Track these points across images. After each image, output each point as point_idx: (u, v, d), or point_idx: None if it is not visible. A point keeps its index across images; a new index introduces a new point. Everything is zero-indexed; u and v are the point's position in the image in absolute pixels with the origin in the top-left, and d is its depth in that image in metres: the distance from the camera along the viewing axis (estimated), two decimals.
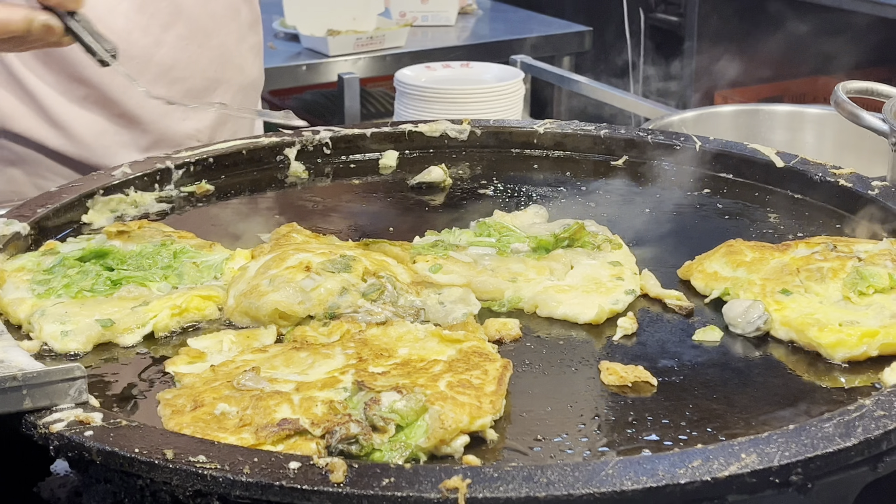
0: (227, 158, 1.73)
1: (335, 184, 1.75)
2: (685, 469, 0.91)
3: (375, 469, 0.92)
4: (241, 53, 2.08)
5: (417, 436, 1.01)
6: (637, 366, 1.16)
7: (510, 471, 0.92)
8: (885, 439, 0.96)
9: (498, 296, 1.33)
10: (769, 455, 0.93)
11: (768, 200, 1.61)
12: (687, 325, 1.27)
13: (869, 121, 1.72)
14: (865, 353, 1.16)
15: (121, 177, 1.61)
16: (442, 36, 4.00)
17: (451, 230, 1.49)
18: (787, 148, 2.19)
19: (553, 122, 1.84)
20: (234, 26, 2.05)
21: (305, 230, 1.48)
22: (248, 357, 1.15)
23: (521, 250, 1.43)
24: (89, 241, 1.41)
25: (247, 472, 0.92)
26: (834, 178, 1.57)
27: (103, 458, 0.96)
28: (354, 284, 1.27)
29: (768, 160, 1.65)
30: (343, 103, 3.52)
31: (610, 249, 1.42)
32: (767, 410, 1.09)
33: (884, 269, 1.28)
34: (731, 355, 1.20)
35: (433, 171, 1.73)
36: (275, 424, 1.00)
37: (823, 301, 1.25)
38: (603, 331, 1.26)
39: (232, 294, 1.29)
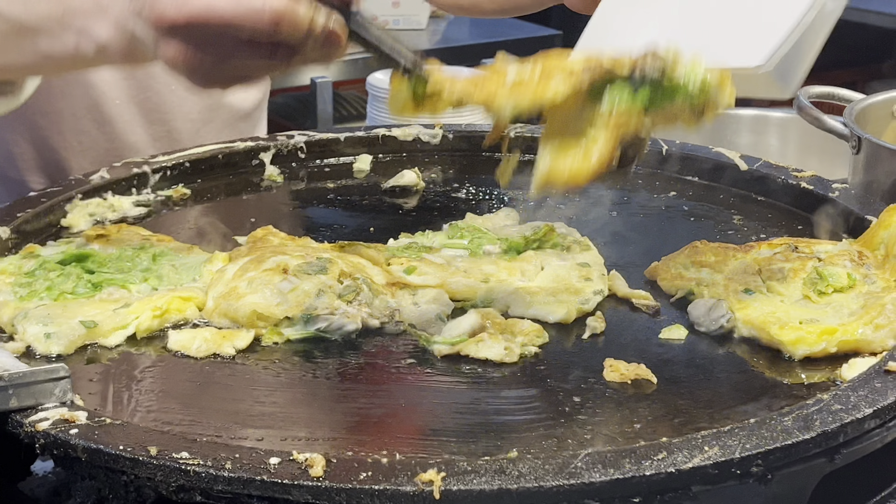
0: (203, 163, 1.76)
1: (310, 187, 1.78)
2: (650, 461, 0.95)
3: (353, 463, 0.96)
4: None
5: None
6: (639, 364, 1.19)
7: (483, 464, 0.95)
8: (841, 432, 1.01)
9: (471, 296, 1.37)
10: (731, 448, 0.97)
11: (732, 202, 1.66)
12: (653, 324, 1.31)
13: (830, 124, 1.77)
14: (825, 349, 1.20)
15: (98, 181, 1.64)
16: (413, 39, 4.03)
17: (424, 233, 1.52)
18: (753, 150, 2.24)
19: (524, 126, 1.88)
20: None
21: (281, 233, 1.51)
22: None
23: (492, 252, 1.46)
24: (69, 245, 1.43)
25: (228, 467, 0.95)
26: (796, 181, 1.61)
27: (88, 455, 0.99)
28: (331, 286, 1.31)
29: (732, 163, 1.69)
30: (316, 107, 3.54)
31: (579, 251, 1.45)
32: (730, 405, 1.13)
33: (843, 269, 1.32)
34: (695, 353, 1.24)
35: (406, 174, 1.76)
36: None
37: (784, 300, 1.29)
38: (572, 330, 1.30)
39: (211, 296, 1.32)
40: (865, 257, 1.36)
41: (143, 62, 1.19)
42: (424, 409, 1.14)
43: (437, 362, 1.23)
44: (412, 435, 1.09)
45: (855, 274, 1.31)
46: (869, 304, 1.25)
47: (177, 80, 1.86)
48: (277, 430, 1.08)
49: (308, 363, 1.23)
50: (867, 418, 1.02)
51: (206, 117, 2.03)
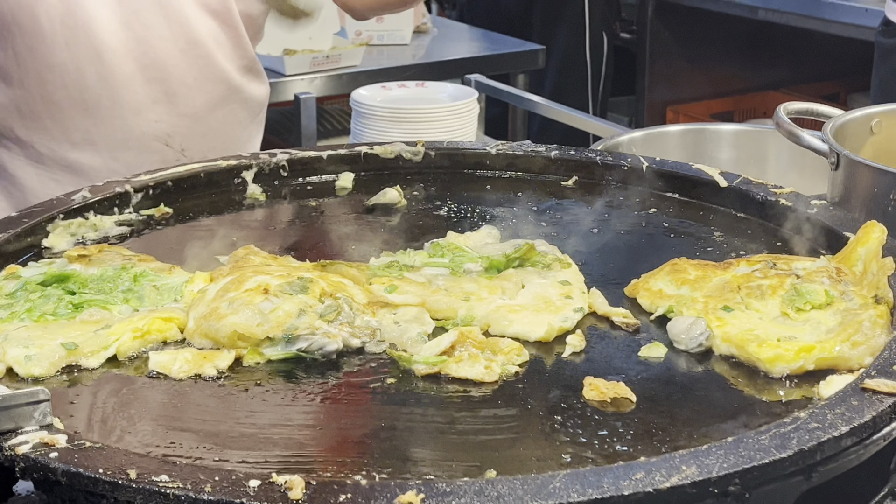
0: (185, 181, 1.76)
1: (292, 205, 1.78)
2: (629, 481, 0.96)
3: (333, 485, 0.96)
4: (230, 70, 2.10)
5: None
6: (618, 382, 1.20)
7: (462, 485, 0.96)
8: (818, 450, 1.01)
9: (452, 315, 1.37)
10: (708, 466, 0.97)
11: (712, 219, 1.67)
12: (633, 342, 1.31)
13: (809, 141, 1.79)
14: (802, 367, 1.21)
15: (80, 201, 1.64)
16: (397, 54, 4.05)
17: (405, 251, 1.53)
18: (734, 166, 2.26)
19: (505, 144, 1.89)
20: (216, 42, 2.07)
21: (262, 252, 1.51)
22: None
23: (473, 270, 1.47)
24: (50, 266, 1.44)
25: (208, 490, 0.95)
26: (775, 198, 1.62)
27: (68, 478, 0.99)
28: (312, 306, 1.31)
29: (712, 180, 1.70)
30: (300, 122, 3.55)
31: (559, 268, 1.46)
32: (709, 423, 1.14)
33: (820, 286, 1.33)
34: (674, 370, 1.25)
35: (388, 192, 1.77)
36: None
37: (763, 317, 1.30)
38: (552, 348, 1.31)
39: (192, 316, 1.32)
40: (843, 274, 1.37)
41: None
42: (404, 429, 1.14)
43: (418, 382, 1.23)
44: (392, 456, 1.09)
45: (833, 291, 1.32)
46: (846, 321, 1.26)
47: (174, 36, 1.96)
48: (257, 451, 1.09)
49: (289, 383, 1.23)
50: (844, 436, 1.03)
51: (204, 87, 2.07)
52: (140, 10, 1.98)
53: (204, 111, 2.09)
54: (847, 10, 4.32)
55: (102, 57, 1.97)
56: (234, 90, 2.13)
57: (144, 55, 2.00)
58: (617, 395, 1.18)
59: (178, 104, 2.05)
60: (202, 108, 2.08)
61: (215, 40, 2.06)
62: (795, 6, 4.55)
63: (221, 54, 2.08)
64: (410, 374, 1.25)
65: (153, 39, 2.00)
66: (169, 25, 2.00)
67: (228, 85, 2.12)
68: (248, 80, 2.16)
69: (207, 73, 2.07)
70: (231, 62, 2.11)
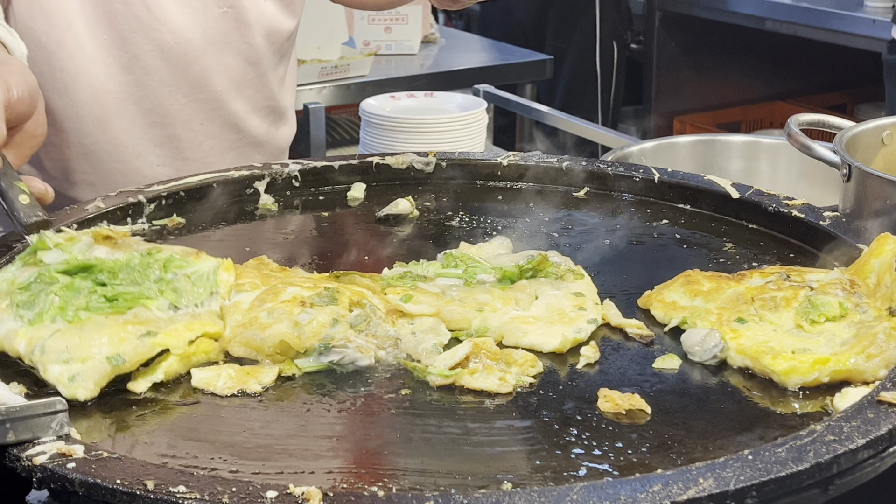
0: (198, 192, 1.77)
1: (304, 216, 1.79)
2: (646, 493, 0.96)
3: (350, 496, 0.96)
4: (241, 112, 2.02)
5: None
6: (633, 394, 1.20)
7: (479, 497, 0.96)
8: (835, 463, 1.01)
9: (465, 325, 1.37)
10: (725, 479, 0.97)
11: (724, 230, 1.67)
12: (647, 354, 1.31)
13: (820, 152, 1.79)
14: (817, 379, 1.21)
15: (94, 211, 1.64)
16: (406, 64, 4.06)
17: (418, 262, 1.53)
18: (744, 177, 2.26)
19: (516, 155, 1.89)
20: (234, 84, 2.00)
21: (273, 263, 1.51)
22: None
23: (486, 281, 1.47)
24: (72, 245, 1.35)
25: (225, 501, 0.95)
26: (787, 209, 1.62)
27: (85, 489, 0.99)
28: (343, 315, 1.31)
29: (724, 191, 1.71)
30: (309, 132, 3.56)
31: (572, 280, 1.46)
32: (725, 435, 1.14)
33: (834, 297, 1.33)
34: (689, 382, 1.25)
35: (400, 203, 1.77)
36: None
37: (777, 329, 1.30)
38: (566, 359, 1.31)
39: (228, 325, 1.32)
40: (857, 286, 1.37)
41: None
42: (420, 440, 1.14)
43: (433, 393, 1.23)
44: (408, 467, 1.09)
45: (846, 303, 1.32)
46: (861, 333, 1.26)
47: (174, 83, 1.91)
48: (274, 462, 1.09)
49: (305, 394, 1.23)
50: (860, 449, 1.03)
51: (210, 131, 2.02)
52: (140, 54, 1.91)
53: (212, 156, 2.02)
54: (854, 21, 4.33)
55: (100, 101, 1.92)
56: (247, 135, 2.06)
57: (145, 99, 1.94)
58: (632, 407, 1.18)
59: (182, 149, 2.00)
60: (210, 152, 2.02)
61: (231, 81, 1.99)
62: (802, 17, 4.56)
63: (234, 97, 2.00)
64: (425, 385, 1.25)
65: (154, 84, 1.93)
66: (171, 70, 1.93)
67: (240, 130, 2.04)
68: (267, 123, 2.08)
69: (215, 118, 2.00)
70: (246, 104, 2.03)
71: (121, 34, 1.90)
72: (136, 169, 1.99)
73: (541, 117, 3.31)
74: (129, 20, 1.90)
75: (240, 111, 2.03)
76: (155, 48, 1.92)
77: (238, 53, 1.98)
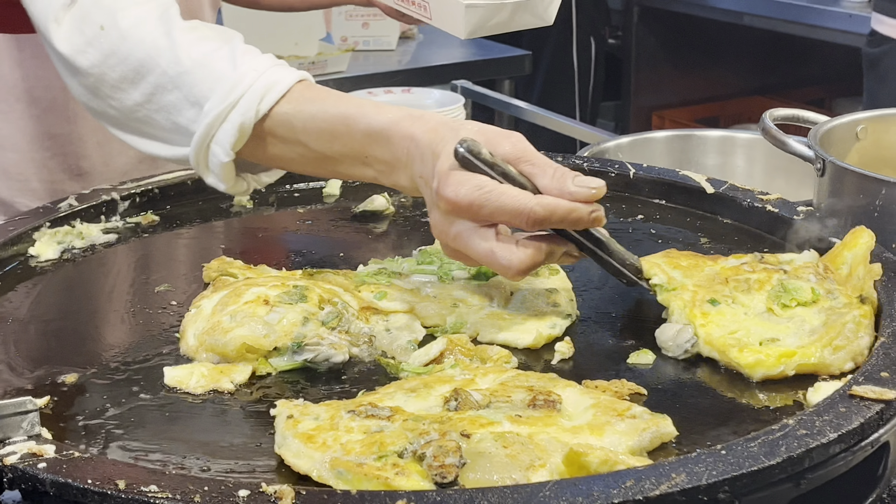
0: (172, 189, 1.76)
1: (279, 212, 1.78)
2: (618, 489, 0.96)
3: (322, 495, 0.96)
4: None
5: None
6: (621, 379, 1.21)
7: (453, 494, 0.96)
8: (807, 457, 1.02)
9: (440, 322, 1.37)
10: (698, 474, 0.97)
11: (699, 225, 1.67)
12: (621, 349, 1.32)
13: (795, 147, 1.79)
14: (783, 372, 1.22)
15: (66, 209, 1.63)
16: (383, 60, 4.05)
17: (393, 258, 1.53)
18: (720, 172, 2.26)
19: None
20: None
21: (237, 262, 1.51)
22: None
23: (461, 277, 1.47)
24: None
25: (197, 500, 0.95)
26: (761, 204, 1.63)
27: (56, 489, 0.99)
28: (313, 313, 1.31)
29: (699, 186, 1.71)
30: None
31: (547, 275, 1.46)
32: (698, 430, 1.14)
33: (807, 283, 1.33)
34: (663, 378, 1.25)
35: (376, 199, 1.76)
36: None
37: (748, 312, 1.30)
38: (541, 355, 1.31)
39: (191, 333, 1.31)
40: (830, 272, 1.37)
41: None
42: None
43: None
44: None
45: (819, 289, 1.33)
46: (830, 321, 1.27)
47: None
48: (247, 461, 1.09)
49: (278, 393, 1.23)
50: (832, 443, 1.03)
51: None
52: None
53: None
54: (831, 15, 4.34)
55: (103, 129, 1.93)
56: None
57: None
58: (631, 392, 1.20)
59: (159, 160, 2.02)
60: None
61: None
62: (780, 12, 4.58)
63: None
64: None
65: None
66: None
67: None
68: None
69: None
70: None
71: None
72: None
73: (519, 113, 3.32)
74: None
75: None
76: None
77: None
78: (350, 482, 1.02)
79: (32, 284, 1.50)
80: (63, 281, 1.52)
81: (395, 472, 1.02)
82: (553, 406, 1.13)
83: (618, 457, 1.03)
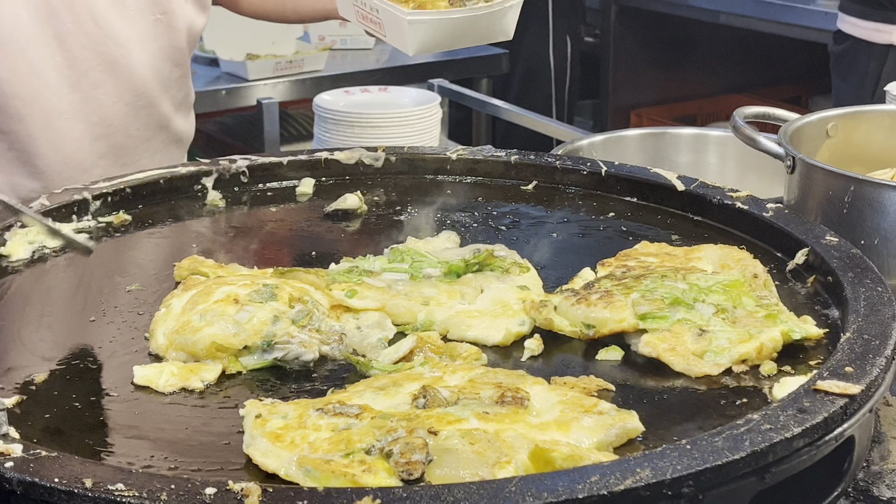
0: (144, 188, 1.76)
1: (252, 211, 1.78)
2: (584, 484, 0.96)
3: (289, 492, 0.96)
4: (168, 112, 2.11)
5: None
6: (589, 376, 1.22)
7: (419, 491, 0.96)
8: (770, 451, 1.02)
9: (411, 319, 1.38)
10: (662, 469, 0.98)
11: (670, 223, 1.68)
12: (590, 345, 1.32)
13: (765, 145, 1.80)
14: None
15: (38, 208, 1.63)
16: (361, 59, 4.05)
17: (365, 257, 1.53)
18: (692, 170, 2.27)
19: (465, 149, 1.90)
20: (163, 86, 2.09)
21: (208, 261, 1.51)
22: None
23: (433, 275, 1.47)
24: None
25: (164, 498, 0.95)
26: (731, 201, 1.64)
27: (24, 488, 0.98)
28: (283, 312, 1.31)
29: (670, 184, 1.72)
30: (263, 127, 3.55)
31: (518, 273, 1.47)
32: (664, 426, 1.15)
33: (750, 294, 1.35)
34: (630, 374, 1.26)
35: (349, 198, 1.77)
36: None
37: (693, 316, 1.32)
38: (511, 352, 1.32)
39: (161, 332, 1.31)
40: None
41: None
42: None
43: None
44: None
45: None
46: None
47: (120, 91, 1.94)
48: (214, 459, 1.09)
49: (247, 391, 1.23)
50: (796, 437, 1.04)
51: (145, 135, 2.08)
52: (89, 70, 1.97)
53: (145, 158, 2.09)
54: (806, 13, 4.37)
55: (53, 123, 1.96)
56: (173, 133, 2.15)
57: (92, 114, 1.99)
58: (599, 388, 1.21)
59: (122, 156, 2.05)
60: (143, 155, 2.09)
61: (162, 83, 2.08)
62: (756, 10, 4.60)
63: (164, 98, 2.10)
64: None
65: (101, 97, 1.99)
66: (115, 81, 2.00)
67: (168, 129, 2.13)
68: (180, 115, 2.17)
69: (150, 122, 2.08)
70: (171, 104, 2.12)
71: (71, 53, 1.94)
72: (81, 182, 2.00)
73: (496, 112, 3.32)
74: (79, 38, 1.94)
75: (168, 111, 2.12)
76: (102, 62, 1.97)
77: (167, 57, 2.07)
78: (317, 479, 1.02)
79: (3, 284, 1.49)
80: (34, 281, 1.52)
81: (362, 469, 1.02)
82: (521, 403, 1.13)
83: (583, 452, 1.03)
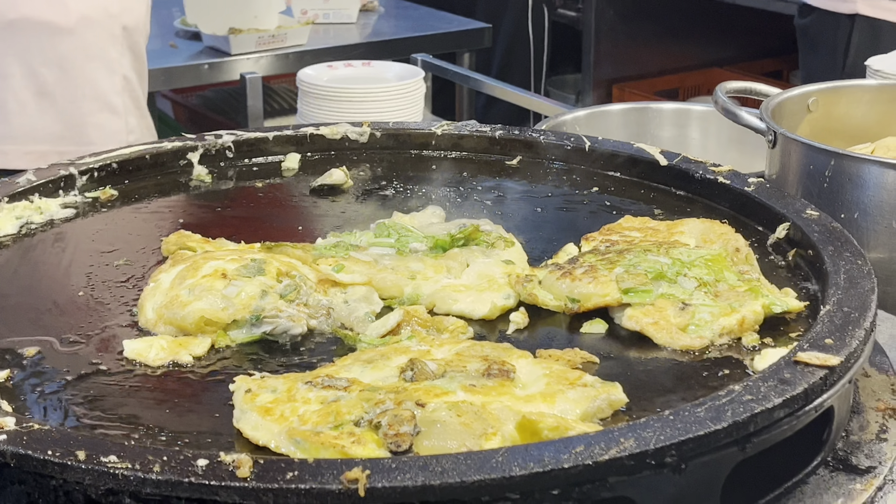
0: (130, 163, 1.76)
1: (238, 187, 1.79)
2: (569, 454, 0.98)
3: (280, 464, 0.98)
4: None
5: None
6: (574, 349, 1.24)
7: (407, 461, 0.98)
8: (752, 422, 1.05)
9: (398, 293, 1.39)
10: (645, 439, 1.00)
11: (653, 197, 1.70)
12: (575, 318, 1.34)
13: (747, 119, 1.82)
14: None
15: (25, 184, 1.64)
16: (344, 34, 4.04)
17: (351, 232, 1.54)
18: (675, 144, 2.29)
19: (450, 124, 1.91)
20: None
21: (195, 235, 1.52)
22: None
23: (419, 250, 1.49)
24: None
25: (156, 470, 0.96)
26: (713, 175, 1.65)
27: (17, 460, 1.00)
28: (271, 286, 1.32)
29: (653, 159, 1.73)
30: (246, 102, 3.54)
31: (503, 247, 1.48)
32: (648, 397, 1.17)
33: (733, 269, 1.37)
34: (614, 347, 1.28)
35: (334, 173, 1.78)
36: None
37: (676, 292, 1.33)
38: (496, 325, 1.33)
39: (150, 307, 1.33)
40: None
41: None
42: None
43: None
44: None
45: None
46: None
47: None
48: (206, 432, 1.10)
49: (236, 365, 1.24)
50: (777, 408, 1.06)
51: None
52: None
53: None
54: None
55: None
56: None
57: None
58: (584, 360, 1.23)
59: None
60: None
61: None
62: None
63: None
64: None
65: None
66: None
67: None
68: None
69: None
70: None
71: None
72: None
73: (478, 86, 3.33)
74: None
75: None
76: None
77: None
78: (307, 451, 1.04)
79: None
80: (22, 255, 1.53)
81: (351, 440, 1.04)
82: (507, 375, 1.15)
83: (569, 423, 1.05)
